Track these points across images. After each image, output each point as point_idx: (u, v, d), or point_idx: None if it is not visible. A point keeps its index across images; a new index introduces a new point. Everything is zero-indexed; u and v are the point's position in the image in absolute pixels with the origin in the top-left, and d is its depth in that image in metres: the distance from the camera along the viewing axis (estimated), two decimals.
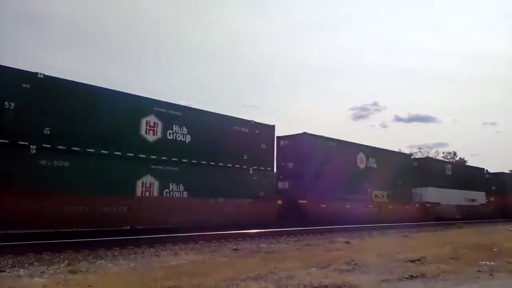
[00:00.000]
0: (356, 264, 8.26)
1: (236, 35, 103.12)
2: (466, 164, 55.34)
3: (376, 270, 7.69)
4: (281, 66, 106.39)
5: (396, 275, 7.15)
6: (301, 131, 22.50)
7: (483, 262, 8.74)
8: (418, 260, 8.83)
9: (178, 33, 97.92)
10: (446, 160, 32.75)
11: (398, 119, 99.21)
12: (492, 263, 8.67)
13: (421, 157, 29.53)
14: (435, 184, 31.81)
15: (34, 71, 12.96)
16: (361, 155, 25.62)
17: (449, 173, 34.44)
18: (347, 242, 13.53)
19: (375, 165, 26.51)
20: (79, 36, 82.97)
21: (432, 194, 31.27)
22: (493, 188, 41.12)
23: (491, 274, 7.47)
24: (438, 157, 60.64)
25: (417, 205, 30.00)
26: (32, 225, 12.54)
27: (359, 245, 12.71)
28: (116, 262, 9.38)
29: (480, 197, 38.38)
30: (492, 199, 40.75)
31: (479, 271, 7.77)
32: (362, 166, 25.61)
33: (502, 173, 44.06)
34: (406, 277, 7.00)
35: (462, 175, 36.17)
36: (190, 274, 7.01)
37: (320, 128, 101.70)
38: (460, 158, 66.31)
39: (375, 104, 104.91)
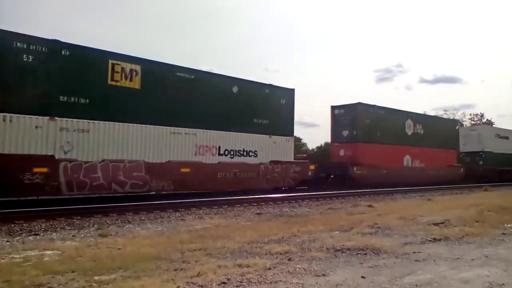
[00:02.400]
0: (379, 227, 8.30)
1: None
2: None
3: (399, 233, 7.72)
4: (304, 29, 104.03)
5: (419, 238, 7.17)
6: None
7: (509, 225, 8.65)
8: (442, 223, 8.80)
9: None
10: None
11: (423, 80, 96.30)
12: None
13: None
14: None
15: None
16: None
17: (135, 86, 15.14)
18: (370, 206, 13.56)
19: None
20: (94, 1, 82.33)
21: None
22: (345, 133, 25.32)
23: None
24: (464, 120, 58.87)
25: None
26: None
27: (382, 208, 12.72)
28: (143, 226, 9.71)
29: (274, 148, 19.75)
30: (343, 152, 25.08)
31: (504, 233, 7.71)
32: None
33: (359, 104, 25.20)
34: (429, 240, 7.00)
35: (201, 97, 16.91)
36: (215, 237, 7.20)
37: (344, 91, 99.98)
38: (487, 120, 64.60)
39: (399, 65, 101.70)
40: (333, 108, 26.17)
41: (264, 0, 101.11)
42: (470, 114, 66.65)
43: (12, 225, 9.32)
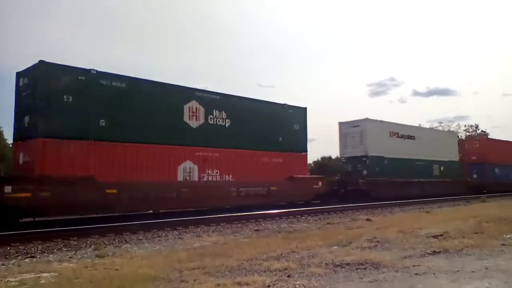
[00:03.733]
0: (378, 241, 8.26)
1: (249, 12, 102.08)
2: None
3: (398, 246, 7.68)
4: (297, 44, 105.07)
5: (418, 251, 7.13)
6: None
7: (508, 236, 8.63)
8: (441, 235, 8.76)
9: (190, 13, 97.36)
10: None
11: (416, 93, 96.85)
12: None
13: None
14: None
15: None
16: None
17: None
18: (368, 220, 13.54)
19: None
20: (85, 15, 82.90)
21: None
22: (26, 121, 13.80)
23: None
24: (459, 131, 58.90)
25: None
26: None
27: (381, 222, 12.69)
28: (141, 245, 9.63)
29: None
30: (22, 157, 13.89)
31: (503, 244, 7.68)
32: None
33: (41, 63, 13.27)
34: (429, 253, 6.97)
35: None
36: (213, 255, 7.13)
37: (337, 106, 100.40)
38: (482, 131, 64.94)
39: (392, 79, 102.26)
40: None
41: (257, 16, 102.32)
42: (465, 126, 66.71)
43: (8, 248, 9.21)
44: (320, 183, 21.98)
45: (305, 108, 22.03)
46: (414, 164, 27.62)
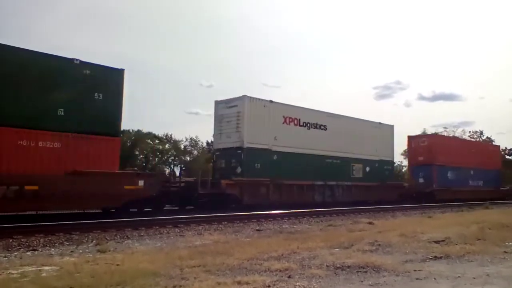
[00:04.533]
0: (379, 244, 8.24)
1: (255, 10, 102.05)
2: None
3: (399, 250, 7.66)
4: (303, 43, 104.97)
5: (420, 256, 7.11)
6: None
7: (510, 243, 8.59)
8: (443, 240, 8.74)
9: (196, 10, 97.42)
10: None
11: (422, 97, 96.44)
12: None
13: None
14: None
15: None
16: None
17: None
18: (370, 223, 13.50)
19: None
20: (90, 13, 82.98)
21: None
22: None
23: None
24: (464, 137, 58.57)
25: None
26: None
27: (383, 225, 12.65)
28: (142, 241, 9.65)
29: None
30: None
31: (505, 252, 7.64)
32: None
33: None
34: (430, 258, 6.94)
35: None
36: (214, 253, 7.14)
37: (343, 108, 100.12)
38: (487, 137, 64.58)
39: (398, 82, 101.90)
40: None
41: (263, 18, 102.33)
42: (470, 132, 66.26)
43: (10, 240, 9.26)
44: (140, 183, 14.70)
45: (121, 71, 14.56)
46: (324, 162, 21.66)
